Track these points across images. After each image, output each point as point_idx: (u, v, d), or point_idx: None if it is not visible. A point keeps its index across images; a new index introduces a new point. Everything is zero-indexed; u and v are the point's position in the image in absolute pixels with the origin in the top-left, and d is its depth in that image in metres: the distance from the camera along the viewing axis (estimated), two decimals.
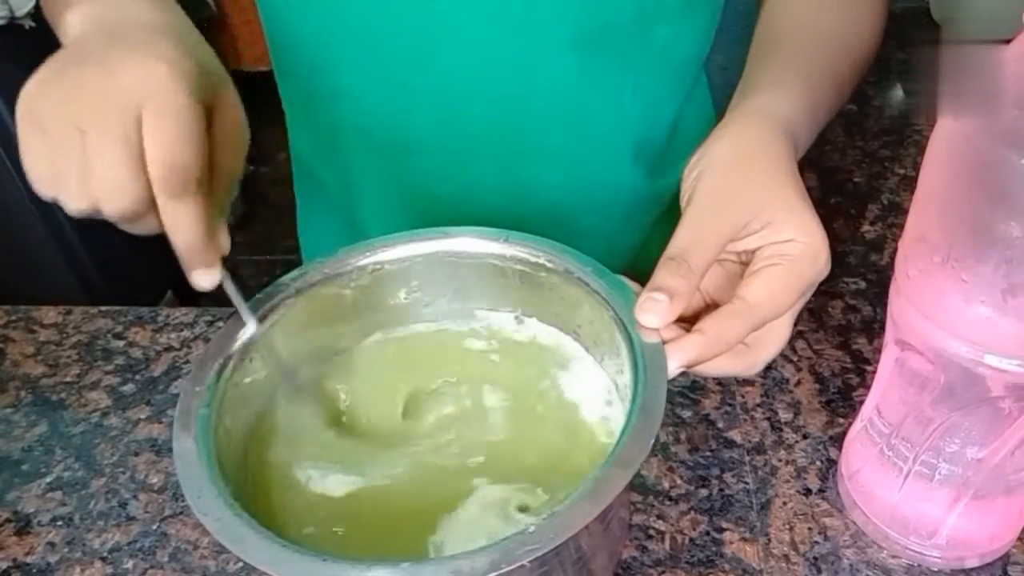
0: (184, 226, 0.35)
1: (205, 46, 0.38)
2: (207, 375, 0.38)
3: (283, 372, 0.42)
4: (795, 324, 0.41)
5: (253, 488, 0.39)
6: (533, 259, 0.43)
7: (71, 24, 0.39)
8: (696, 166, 0.42)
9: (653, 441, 0.32)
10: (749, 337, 0.40)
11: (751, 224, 0.39)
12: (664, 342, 0.37)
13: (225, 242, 0.38)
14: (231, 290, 0.39)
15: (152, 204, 0.34)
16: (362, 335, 0.47)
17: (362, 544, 0.38)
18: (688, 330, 0.38)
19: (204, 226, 0.35)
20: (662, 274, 0.38)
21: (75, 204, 0.34)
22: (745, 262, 0.40)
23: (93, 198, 0.33)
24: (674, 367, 0.36)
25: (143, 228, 0.35)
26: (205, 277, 0.37)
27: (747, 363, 0.40)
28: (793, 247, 0.38)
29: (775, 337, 0.40)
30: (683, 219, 0.40)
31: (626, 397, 0.37)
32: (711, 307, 0.39)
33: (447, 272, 0.45)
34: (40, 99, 0.34)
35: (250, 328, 0.40)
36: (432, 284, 0.46)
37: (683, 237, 0.39)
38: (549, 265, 0.42)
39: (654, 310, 0.37)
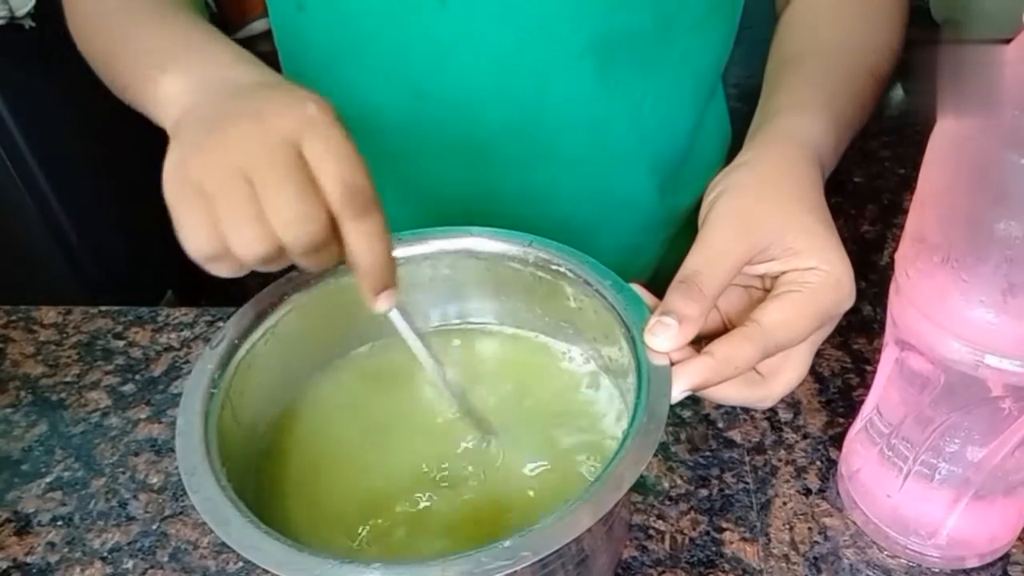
0: (373, 243, 0.35)
1: None
2: (220, 356, 0.39)
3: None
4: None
5: (256, 476, 0.40)
6: (554, 267, 0.43)
7: (173, 95, 0.40)
8: (716, 187, 0.42)
9: (644, 467, 0.32)
10: (764, 368, 0.39)
11: (771, 249, 0.38)
12: (673, 364, 0.36)
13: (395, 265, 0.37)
14: (399, 321, 0.38)
15: (332, 232, 0.34)
16: (376, 328, 0.47)
17: (362, 542, 0.38)
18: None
19: (389, 243, 0.35)
20: (673, 297, 0.37)
21: (253, 249, 0.33)
22: (769, 288, 0.40)
23: (275, 238, 0.33)
24: (679, 390, 0.36)
25: (322, 260, 0.35)
26: (387, 300, 0.37)
27: (761, 394, 0.39)
28: (814, 275, 0.38)
29: (791, 369, 0.39)
30: (697, 241, 0.39)
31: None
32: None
33: (467, 271, 0.45)
34: (191, 164, 0.34)
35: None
36: (450, 282, 0.46)
37: (696, 260, 0.38)
38: (569, 275, 0.42)
39: (664, 334, 0.36)
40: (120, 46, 0.47)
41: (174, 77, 0.40)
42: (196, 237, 0.34)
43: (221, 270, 0.35)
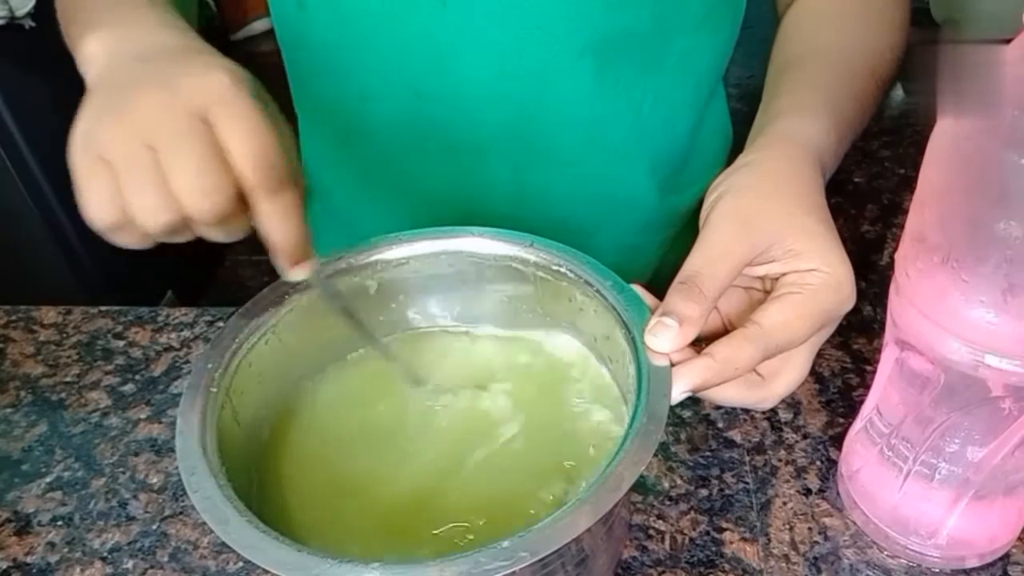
0: (284, 220, 0.34)
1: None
2: (220, 355, 0.39)
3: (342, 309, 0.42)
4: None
5: (258, 474, 0.40)
6: (555, 267, 0.43)
7: (92, 54, 0.39)
8: (717, 188, 0.41)
9: (644, 467, 0.32)
10: (765, 370, 0.39)
11: (772, 251, 0.38)
12: (673, 364, 0.36)
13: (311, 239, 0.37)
14: (321, 283, 0.39)
15: (238, 205, 0.34)
16: (378, 328, 0.47)
17: (363, 544, 0.38)
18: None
19: (300, 219, 0.35)
20: (673, 298, 0.37)
21: (156, 218, 0.33)
22: (769, 289, 0.40)
23: (178, 207, 0.33)
24: (679, 391, 0.36)
25: (227, 232, 0.35)
26: (302, 271, 0.37)
27: (761, 395, 0.39)
28: (815, 277, 0.37)
29: (791, 371, 0.39)
30: (698, 242, 0.39)
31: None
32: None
33: (468, 271, 0.45)
34: (96, 131, 0.34)
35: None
36: (453, 282, 0.46)
37: (696, 261, 0.38)
38: (570, 275, 0.42)
39: (664, 335, 0.36)
40: (71, 12, 0.47)
41: (97, 35, 0.40)
42: (97, 205, 0.33)
43: (124, 240, 0.35)
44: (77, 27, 0.43)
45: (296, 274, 0.37)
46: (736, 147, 0.70)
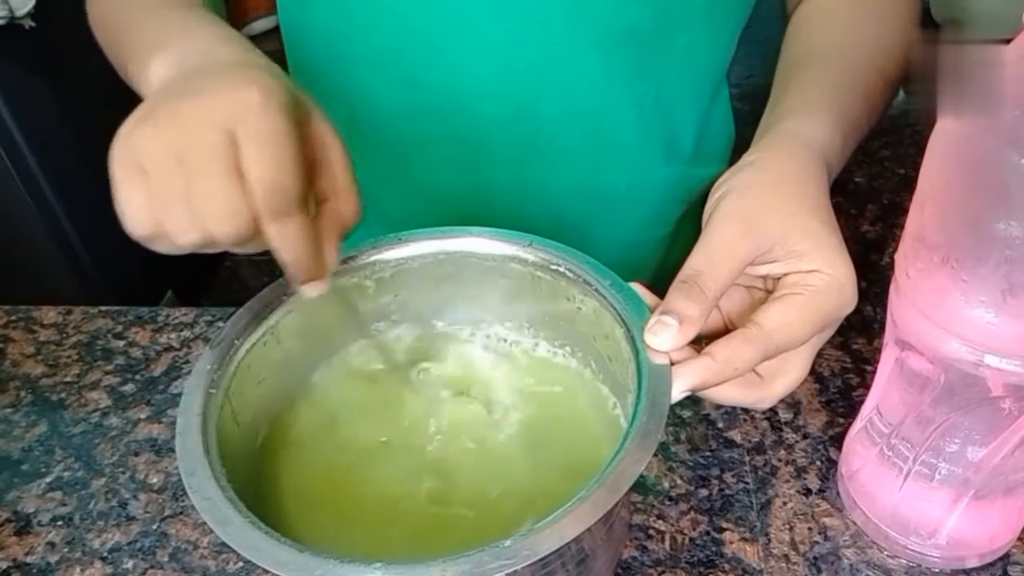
0: (290, 245, 0.35)
1: (288, 78, 0.38)
2: (220, 355, 0.39)
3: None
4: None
5: (256, 475, 0.40)
6: (554, 267, 0.43)
7: (155, 74, 0.40)
8: (721, 187, 0.41)
9: (644, 467, 0.32)
10: (764, 370, 0.39)
11: (774, 251, 0.38)
12: (672, 363, 0.36)
13: (333, 257, 0.38)
14: (337, 301, 0.40)
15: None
16: (375, 327, 0.47)
17: (362, 543, 0.38)
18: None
19: (310, 243, 0.35)
20: (674, 297, 0.37)
21: (185, 238, 0.34)
22: (771, 289, 0.39)
23: (203, 228, 0.33)
24: (679, 390, 0.36)
25: (256, 247, 0.35)
26: (312, 290, 0.37)
27: (760, 395, 0.39)
28: (817, 278, 0.37)
29: (791, 371, 0.39)
30: (700, 240, 0.39)
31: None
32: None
33: (468, 271, 0.45)
34: (135, 139, 0.34)
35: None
36: (450, 283, 0.46)
37: (698, 260, 0.38)
38: (569, 275, 0.42)
39: (664, 334, 0.36)
40: (127, 38, 0.48)
41: (162, 58, 0.41)
42: (134, 217, 0.34)
43: (162, 248, 0.35)
44: (137, 58, 0.43)
45: (307, 292, 0.37)
46: (738, 146, 0.70)
